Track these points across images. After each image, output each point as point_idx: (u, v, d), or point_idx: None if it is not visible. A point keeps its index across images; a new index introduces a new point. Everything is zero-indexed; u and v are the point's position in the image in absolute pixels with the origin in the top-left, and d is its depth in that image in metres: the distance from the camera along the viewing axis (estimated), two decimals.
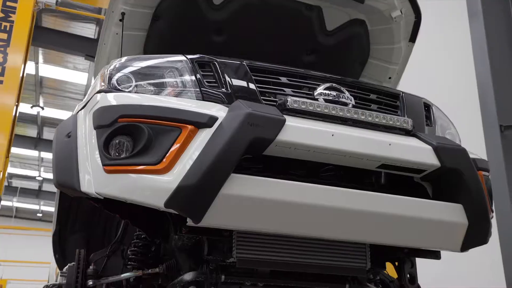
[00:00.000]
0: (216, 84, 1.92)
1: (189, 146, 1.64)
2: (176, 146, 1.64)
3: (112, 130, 1.73)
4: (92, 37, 11.73)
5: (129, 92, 1.91)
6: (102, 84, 1.99)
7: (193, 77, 1.93)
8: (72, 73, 14.05)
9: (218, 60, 1.98)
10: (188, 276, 1.96)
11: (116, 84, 1.95)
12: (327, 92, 1.98)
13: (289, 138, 1.68)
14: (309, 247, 1.92)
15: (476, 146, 5.85)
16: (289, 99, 1.83)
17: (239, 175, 1.63)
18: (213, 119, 1.67)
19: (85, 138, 1.84)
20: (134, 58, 2.08)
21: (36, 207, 26.66)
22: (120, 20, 2.56)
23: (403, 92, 2.22)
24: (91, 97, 1.97)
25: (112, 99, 1.83)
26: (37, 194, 23.87)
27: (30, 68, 13.50)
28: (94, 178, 1.74)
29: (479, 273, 6.00)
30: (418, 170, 1.90)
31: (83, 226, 2.66)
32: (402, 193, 1.94)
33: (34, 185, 23.18)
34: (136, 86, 1.95)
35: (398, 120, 1.95)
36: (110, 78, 1.97)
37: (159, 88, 1.94)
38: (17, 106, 3.77)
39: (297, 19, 2.78)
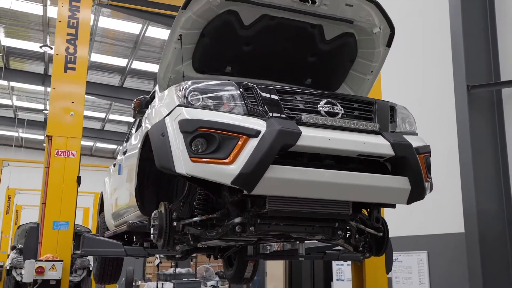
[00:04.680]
0: (256, 102, 3.01)
1: (245, 148, 2.77)
2: (237, 148, 2.77)
3: (194, 135, 2.85)
4: None
5: (199, 105, 3.00)
6: (180, 98, 3.07)
7: (241, 97, 3.01)
8: None
9: (256, 85, 3.06)
10: (237, 220, 3.15)
11: (189, 100, 3.03)
12: (325, 105, 3.10)
13: (303, 143, 2.83)
14: (314, 203, 3.10)
15: (448, 103, 6.92)
16: (303, 115, 2.95)
17: (274, 165, 2.78)
18: (258, 132, 2.78)
19: (175, 138, 2.94)
20: (199, 81, 3.14)
21: (41, 137, 27.74)
22: (178, 39, 3.57)
23: (376, 100, 3.34)
24: (174, 108, 3.05)
25: (192, 114, 2.92)
26: (43, 126, 24.83)
27: (37, 9, 14.06)
28: (184, 164, 2.86)
29: (443, 220, 7.24)
30: (381, 157, 3.08)
31: (154, 184, 3.83)
32: (373, 169, 3.13)
33: (40, 117, 24.10)
34: (202, 100, 3.04)
35: (370, 126, 3.10)
36: (185, 95, 3.05)
37: (218, 102, 3.02)
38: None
39: (303, 33, 3.75)
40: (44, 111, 22.61)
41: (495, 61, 6.76)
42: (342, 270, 9.07)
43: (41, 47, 15.90)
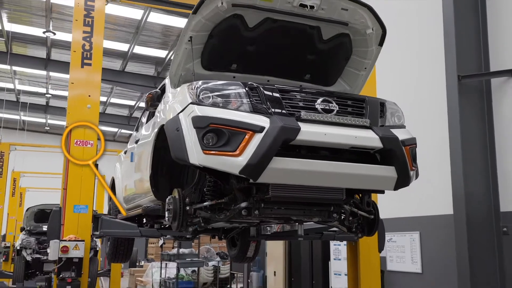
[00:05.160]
0: (260, 100, 3.38)
1: (251, 142, 3.14)
2: (244, 142, 3.15)
3: (206, 130, 3.22)
4: None
5: (209, 103, 3.37)
6: (192, 96, 3.44)
7: (246, 95, 3.38)
8: None
9: (260, 85, 3.42)
10: (243, 204, 3.54)
11: (201, 98, 3.40)
12: (322, 103, 3.47)
13: (302, 138, 3.21)
14: (312, 189, 3.49)
15: (440, 93, 7.27)
16: (302, 112, 3.32)
17: (276, 157, 3.16)
18: (262, 128, 3.16)
19: (188, 132, 3.31)
20: (210, 81, 3.50)
21: (43, 120, 28.06)
22: (189, 41, 3.91)
23: (367, 97, 3.72)
24: (187, 106, 3.41)
25: (204, 111, 3.29)
26: (45, 109, 25.12)
27: None
28: (197, 156, 3.24)
29: (434, 203, 7.65)
30: (371, 149, 3.47)
31: (167, 171, 4.22)
32: (364, 159, 3.51)
33: (42, 101, 24.39)
34: (212, 98, 3.40)
35: (361, 121, 3.48)
36: (197, 94, 3.42)
37: (227, 100, 3.39)
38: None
39: (303, 34, 4.06)
40: (46, 95, 22.87)
41: (485, 52, 7.08)
42: (339, 250, 9.45)
43: (44, 32, 16.15)
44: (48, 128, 28.81)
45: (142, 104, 23.94)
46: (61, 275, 4.52)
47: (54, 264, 4.61)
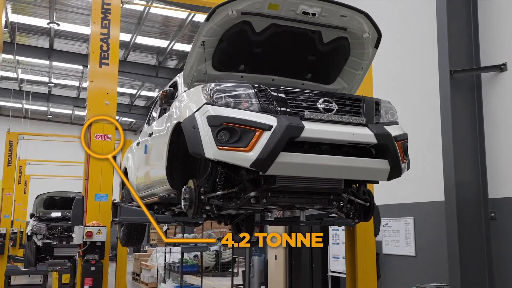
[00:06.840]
0: (267, 101, 3.78)
1: (260, 139, 3.54)
2: (254, 139, 3.55)
3: (220, 128, 3.62)
4: None
5: (221, 103, 3.76)
6: (206, 97, 3.83)
7: (255, 96, 3.78)
8: None
9: (268, 87, 3.82)
10: (252, 193, 3.95)
11: (214, 99, 3.79)
12: (323, 103, 3.88)
13: (305, 135, 3.61)
14: (314, 180, 3.91)
15: (433, 87, 7.65)
16: (305, 112, 3.73)
17: (283, 152, 3.56)
18: (271, 126, 3.56)
19: (204, 130, 3.70)
20: (222, 83, 3.90)
21: (45, 109, 28.33)
22: (201, 45, 4.29)
23: (364, 97, 4.12)
24: (202, 106, 3.81)
25: (217, 111, 3.69)
26: (47, 98, 25.40)
27: None
28: (212, 151, 3.63)
29: (427, 190, 8.05)
30: (367, 144, 3.89)
31: (181, 164, 4.62)
32: (361, 153, 3.93)
33: (44, 90, 24.67)
34: (224, 98, 3.80)
35: (358, 119, 3.89)
36: (211, 95, 3.81)
37: (238, 101, 3.78)
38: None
39: (305, 37, 4.44)
40: (49, 84, 23.15)
41: (476, 48, 7.42)
42: (337, 235, 9.85)
43: (48, 23, 16.43)
44: (50, 116, 29.13)
45: (144, 93, 24.27)
46: (85, 258, 4.96)
47: (79, 248, 5.05)
